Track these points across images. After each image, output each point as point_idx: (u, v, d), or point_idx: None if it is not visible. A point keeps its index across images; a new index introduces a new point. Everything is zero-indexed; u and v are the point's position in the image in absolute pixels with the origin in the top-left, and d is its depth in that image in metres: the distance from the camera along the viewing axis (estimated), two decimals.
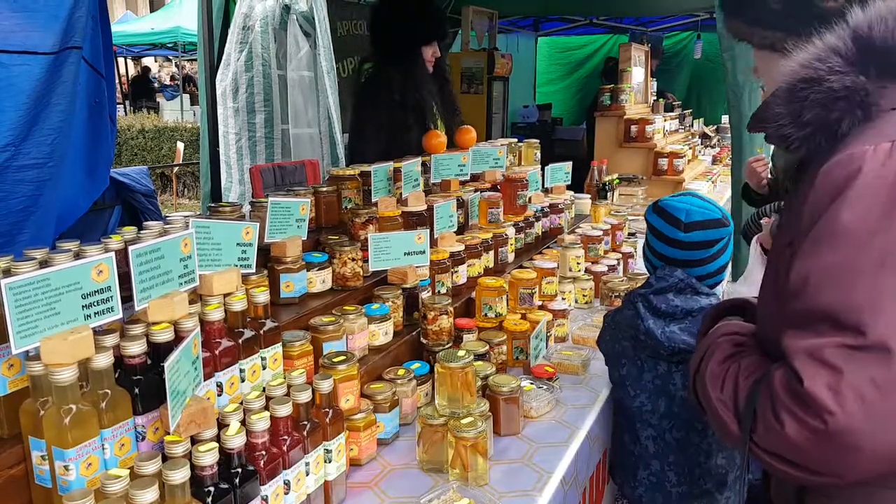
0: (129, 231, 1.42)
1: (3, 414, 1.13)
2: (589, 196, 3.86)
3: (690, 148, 5.52)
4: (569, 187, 3.45)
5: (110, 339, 1.12)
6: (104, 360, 1.08)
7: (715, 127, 7.48)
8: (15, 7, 2.22)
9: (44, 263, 1.20)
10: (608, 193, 3.98)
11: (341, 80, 5.35)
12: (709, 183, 5.08)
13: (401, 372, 1.77)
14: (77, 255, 1.26)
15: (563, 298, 2.53)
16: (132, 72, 17.39)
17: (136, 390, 1.13)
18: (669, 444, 1.79)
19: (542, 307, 2.36)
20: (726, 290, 2.62)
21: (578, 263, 2.68)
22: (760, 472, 1.93)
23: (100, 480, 1.01)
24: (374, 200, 2.28)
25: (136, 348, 1.13)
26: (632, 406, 1.82)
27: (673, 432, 1.78)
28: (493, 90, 7.02)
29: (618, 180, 4.30)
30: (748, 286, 2.36)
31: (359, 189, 2.35)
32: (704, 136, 6.90)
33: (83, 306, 1.10)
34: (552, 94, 10.21)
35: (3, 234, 2.38)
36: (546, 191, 3.29)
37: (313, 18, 4.64)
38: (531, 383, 1.92)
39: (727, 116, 6.20)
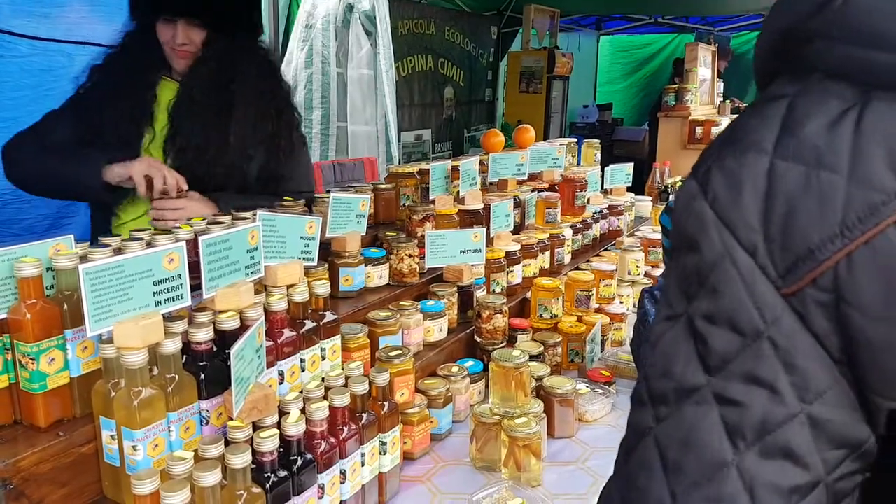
0: (200, 222, 1.47)
1: (76, 394, 1.17)
2: (650, 198, 3.79)
3: None
4: (629, 189, 3.39)
5: (179, 326, 1.16)
6: (173, 346, 1.12)
7: None
8: (83, 0, 2.31)
9: (118, 251, 1.25)
10: (670, 196, 3.89)
11: (400, 79, 5.41)
12: None
13: (455, 369, 1.77)
14: (149, 244, 1.31)
15: (622, 302, 2.48)
16: None
17: (202, 376, 1.17)
18: None
19: (598, 310, 2.33)
20: None
21: (638, 267, 2.63)
22: None
23: (165, 461, 1.04)
24: (431, 198, 2.29)
25: (203, 335, 1.16)
26: None
27: None
28: (552, 89, 6.97)
29: (681, 183, 4.20)
30: None
31: (417, 186, 2.36)
32: None
33: (154, 293, 1.14)
34: (613, 94, 10.06)
35: (50, 216, 2.46)
36: (605, 192, 3.24)
37: (375, 17, 4.70)
38: (587, 387, 1.89)
39: None
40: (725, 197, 0.56)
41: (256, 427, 1.15)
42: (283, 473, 1.13)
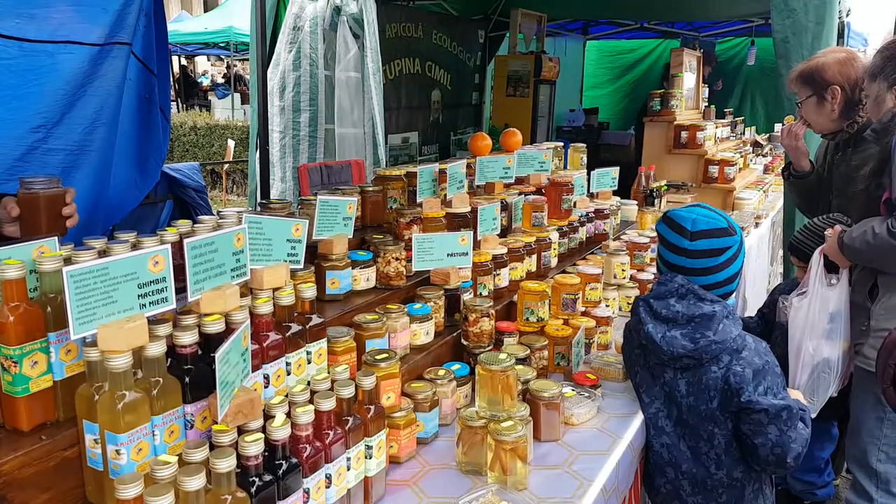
0: (185, 224, 1.46)
1: (59, 397, 1.16)
2: (636, 202, 3.81)
3: (742, 156, 5.38)
4: (615, 193, 3.41)
5: (163, 329, 1.16)
6: (157, 349, 1.11)
7: (767, 135, 7.29)
8: (69, 0, 2.30)
9: (102, 253, 1.24)
10: (656, 200, 3.92)
11: (387, 81, 5.40)
12: (760, 192, 4.96)
13: (441, 372, 1.77)
14: (134, 247, 1.30)
15: (607, 305, 2.50)
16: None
17: (187, 379, 1.16)
18: (683, 453, 1.80)
19: (585, 313, 2.34)
20: (780, 303, 2.54)
21: (623, 270, 2.65)
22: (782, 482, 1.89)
23: (149, 466, 1.04)
24: (419, 201, 2.30)
25: (188, 338, 1.16)
26: (647, 413, 1.85)
27: (686, 440, 1.79)
28: (539, 93, 6.99)
29: (666, 187, 4.22)
30: (808, 299, 2.28)
31: (404, 189, 2.37)
32: (756, 144, 6.73)
33: (139, 296, 1.14)
34: (599, 98, 10.11)
35: None
36: (592, 196, 3.25)
37: (363, 20, 4.69)
38: (573, 390, 1.90)
39: (780, 125, 6.02)
40: None
41: (241, 431, 1.15)
42: (268, 478, 1.13)
